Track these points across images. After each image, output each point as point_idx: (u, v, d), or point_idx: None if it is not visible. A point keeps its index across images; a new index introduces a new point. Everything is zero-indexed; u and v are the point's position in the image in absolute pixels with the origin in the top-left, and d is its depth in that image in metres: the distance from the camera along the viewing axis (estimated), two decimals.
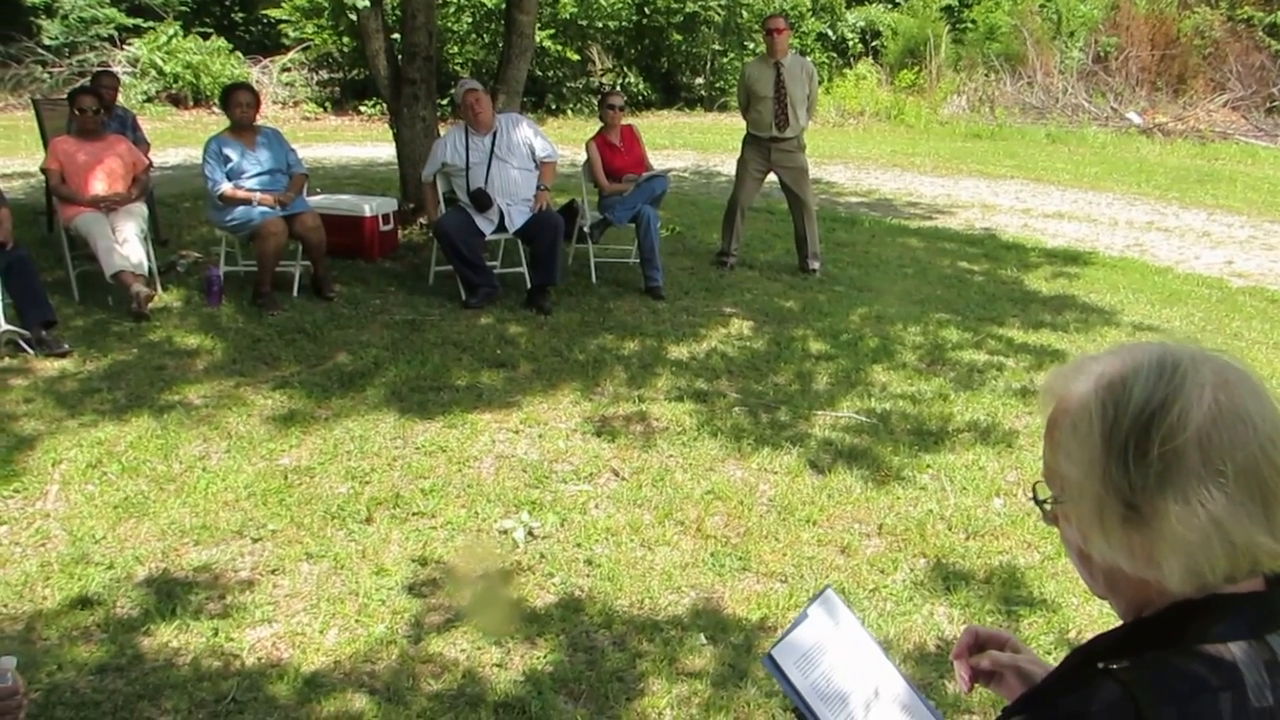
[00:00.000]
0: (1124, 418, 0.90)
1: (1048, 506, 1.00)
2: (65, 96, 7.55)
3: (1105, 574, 0.98)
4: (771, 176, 7.44)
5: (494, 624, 3.24)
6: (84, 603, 3.32)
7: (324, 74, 18.43)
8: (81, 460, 4.22)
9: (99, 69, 11.94)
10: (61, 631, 3.18)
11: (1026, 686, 1.18)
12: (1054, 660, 1.19)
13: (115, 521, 3.80)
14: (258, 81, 17.49)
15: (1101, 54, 18.76)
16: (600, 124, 7.26)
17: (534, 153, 6.50)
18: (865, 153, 15.09)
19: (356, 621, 3.25)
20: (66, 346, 5.33)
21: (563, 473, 4.29)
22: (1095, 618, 3.30)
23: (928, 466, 4.37)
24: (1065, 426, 0.95)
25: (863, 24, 21.58)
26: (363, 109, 17.54)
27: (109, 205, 6.14)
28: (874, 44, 21.40)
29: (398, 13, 8.78)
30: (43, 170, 6.68)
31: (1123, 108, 17.75)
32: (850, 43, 21.42)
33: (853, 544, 3.75)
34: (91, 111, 6.35)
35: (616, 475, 4.30)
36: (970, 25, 20.40)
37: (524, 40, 7.88)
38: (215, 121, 16.28)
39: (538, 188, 6.48)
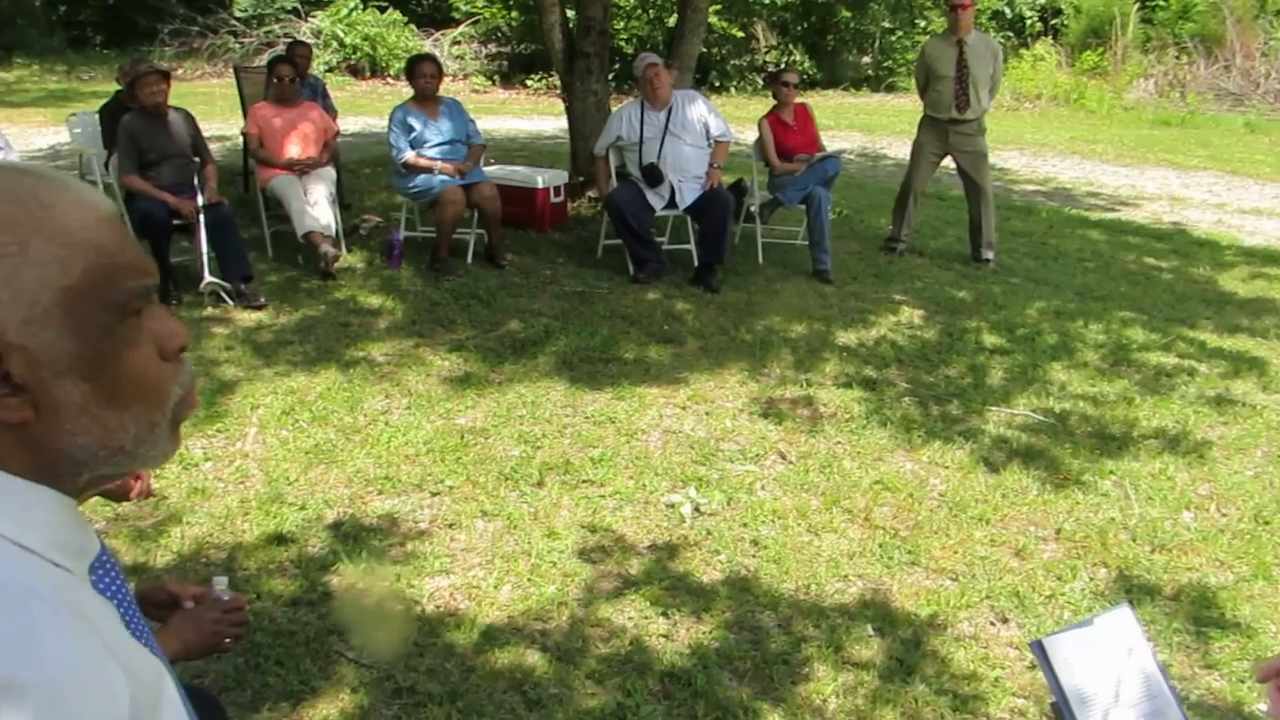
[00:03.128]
0: None
1: None
2: (264, 65, 7.95)
3: None
4: (946, 161, 7.24)
5: (661, 595, 3.29)
6: (279, 539, 3.53)
7: (492, 47, 18.83)
8: (276, 407, 4.48)
9: (293, 39, 12.54)
10: (259, 564, 3.38)
11: None
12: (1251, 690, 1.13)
13: (306, 466, 4.01)
14: None
15: None
16: (773, 102, 7.18)
17: (708, 130, 6.49)
18: (1042, 139, 14.50)
19: (529, 580, 3.34)
20: (263, 300, 5.65)
21: (729, 452, 4.30)
22: None
23: (1110, 472, 4.19)
24: None
25: (1043, 1, 20.66)
26: (529, 82, 17.86)
27: (302, 168, 6.45)
28: (1054, 23, 20.48)
29: None
30: (243, 134, 7.06)
31: None
32: (1028, 21, 20.56)
33: (1028, 547, 3.64)
34: (288, 79, 6.66)
35: (783, 458, 4.28)
36: (1162, 4, 19.27)
37: (698, 15, 7.87)
38: (390, 91, 16.88)
39: (710, 165, 6.47)
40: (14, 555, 0.74)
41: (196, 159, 6.01)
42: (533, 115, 14.87)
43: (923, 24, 18.87)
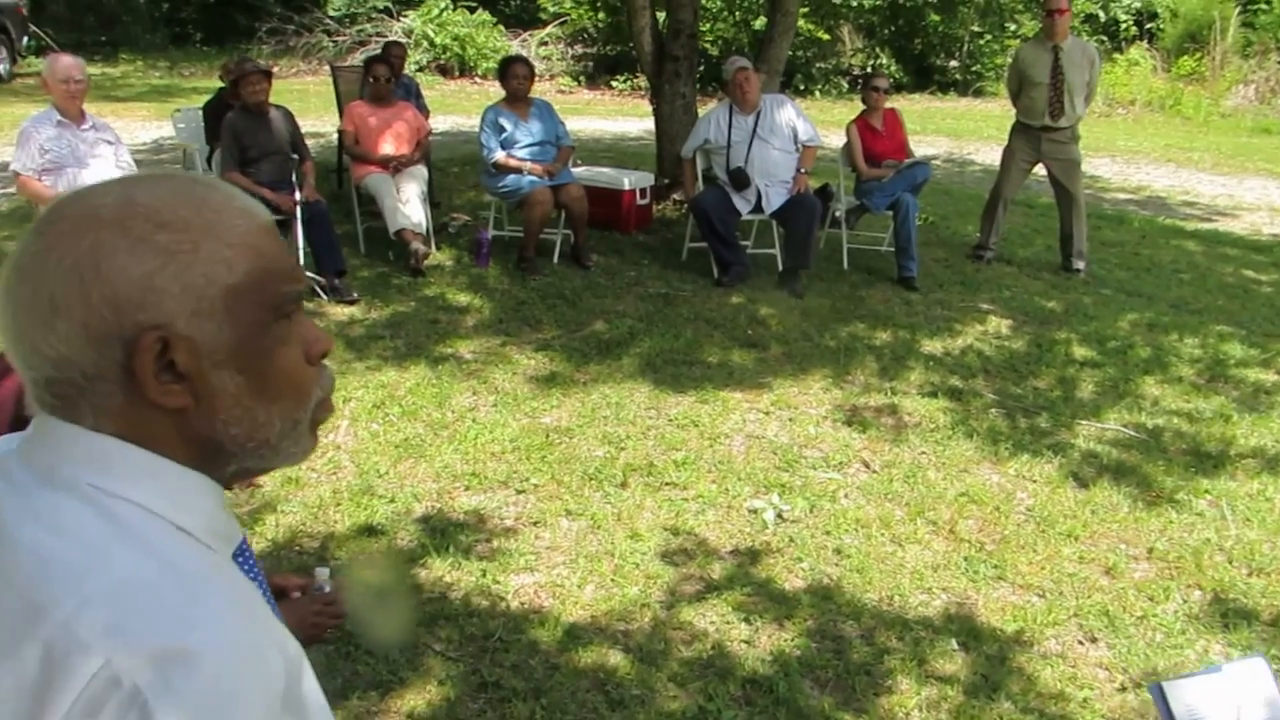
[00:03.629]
0: None
1: None
2: (360, 64, 8.13)
3: None
4: (1036, 168, 7.11)
5: (744, 600, 3.30)
6: (369, 530, 3.62)
7: (579, 48, 18.95)
8: (368, 400, 4.59)
9: (388, 40, 12.78)
10: (350, 554, 3.48)
11: None
12: None
13: (396, 459, 4.11)
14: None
15: None
16: (859, 106, 7.13)
17: (796, 135, 6.47)
18: (1135, 146, 14.12)
19: (612, 581, 3.38)
20: (355, 295, 5.79)
21: (812, 459, 4.29)
22: None
23: (1205, 492, 4.09)
24: None
25: (1138, 4, 20.09)
26: (614, 83, 17.94)
27: (395, 166, 6.59)
28: (1149, 26, 19.90)
29: None
30: (339, 132, 7.23)
31: None
32: (1123, 25, 19.99)
33: (1118, 565, 3.57)
34: (384, 79, 6.81)
35: (867, 467, 4.26)
36: (1264, 6, 18.61)
37: (788, 19, 7.84)
38: (478, 91, 17.10)
39: (797, 170, 6.45)
40: (174, 535, 0.80)
41: (295, 156, 6.19)
42: (617, 116, 14.94)
43: (1013, 27, 18.48)
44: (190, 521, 0.81)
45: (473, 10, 18.99)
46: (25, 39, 16.59)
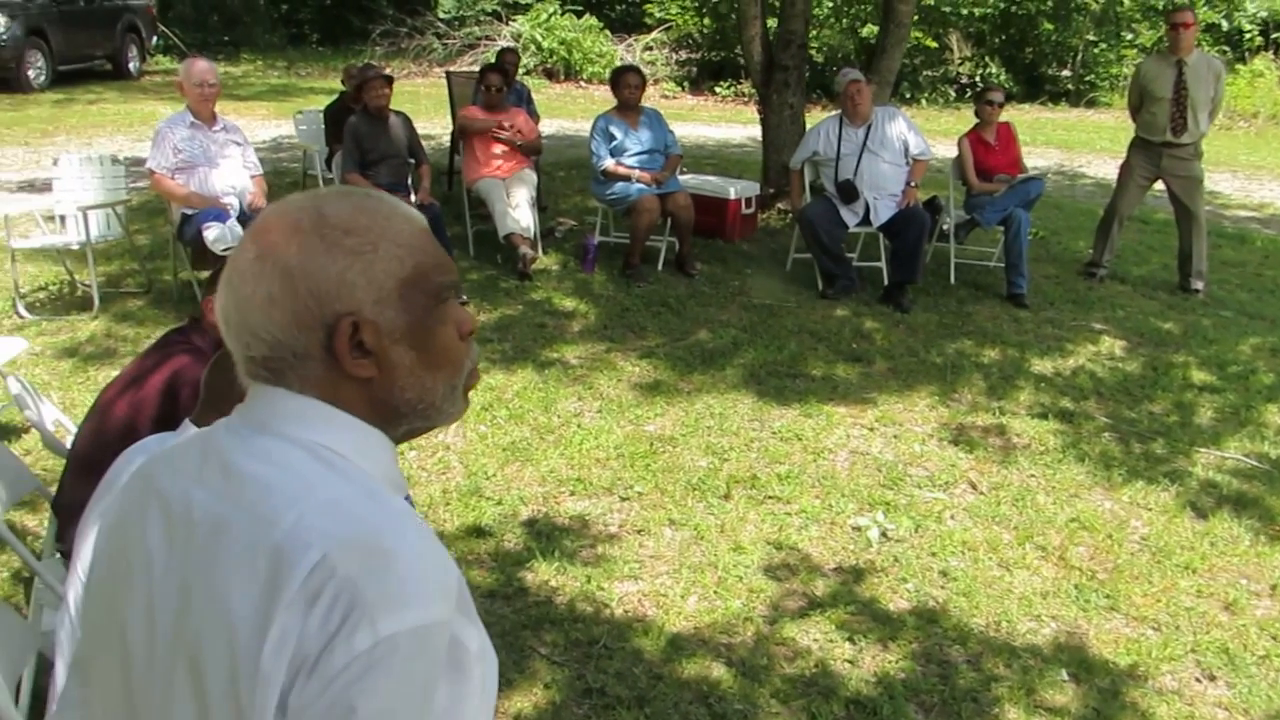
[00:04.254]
0: None
1: None
2: (474, 70, 8.29)
3: None
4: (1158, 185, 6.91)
5: (847, 619, 3.29)
6: (478, 532, 3.71)
7: (683, 54, 18.99)
8: (476, 402, 4.68)
9: (503, 46, 13.00)
10: (458, 554, 3.56)
11: None
12: None
13: (503, 462, 4.19)
14: (620, 59, 18.33)
15: None
16: (964, 114, 7.01)
17: (907, 148, 6.40)
18: (1258, 161, 13.57)
19: (715, 593, 3.40)
20: (464, 297, 5.91)
21: (917, 477, 4.25)
22: None
23: None
24: None
25: (1264, 14, 19.29)
26: (718, 89, 17.94)
27: (506, 171, 6.70)
28: (1275, 36, 19.10)
29: None
30: (452, 136, 7.40)
31: None
32: (1247, 35, 19.24)
33: (1239, 601, 3.45)
34: (496, 89, 6.94)
35: (974, 488, 4.20)
36: None
37: (901, 30, 7.75)
38: (582, 95, 17.27)
39: (906, 184, 6.38)
40: (365, 475, 0.97)
41: (412, 160, 6.35)
42: (720, 122, 14.94)
43: (1130, 36, 17.95)
44: (371, 468, 0.98)
45: (580, 15, 19.20)
46: (154, 38, 17.34)
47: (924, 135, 6.68)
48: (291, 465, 0.94)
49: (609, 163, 6.53)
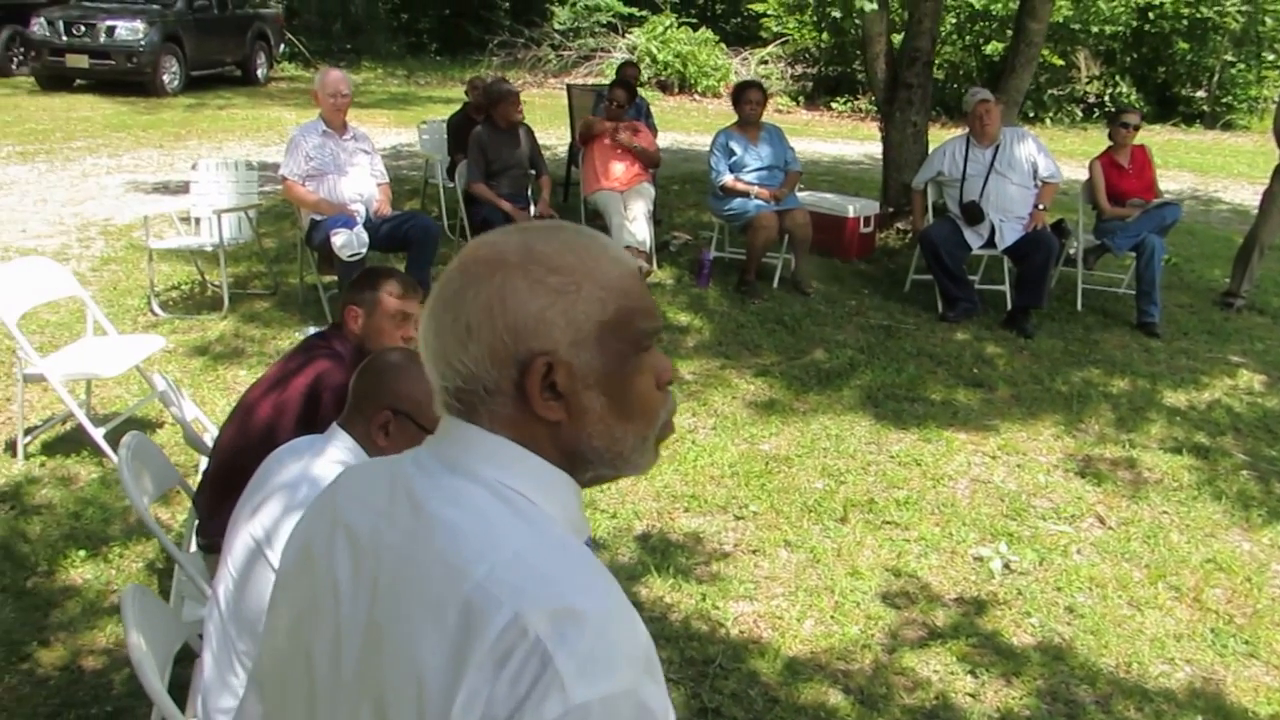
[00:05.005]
0: None
1: None
2: (595, 84, 8.38)
3: None
4: None
5: (968, 651, 3.20)
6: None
7: (799, 68, 18.90)
8: None
9: (624, 60, 13.11)
10: None
11: None
12: None
13: None
14: (735, 73, 18.33)
15: None
16: (1087, 132, 6.79)
17: (1036, 170, 6.24)
18: None
19: (832, 618, 3.35)
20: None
21: (1042, 509, 4.12)
22: None
23: None
24: None
25: None
26: (834, 105, 17.79)
27: (624, 184, 6.75)
28: None
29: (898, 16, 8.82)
30: (572, 147, 7.49)
31: None
32: None
33: None
34: (619, 104, 7.00)
35: (1101, 522, 4.05)
36: None
37: (1031, 49, 7.56)
38: (696, 108, 17.32)
39: (1034, 206, 6.22)
40: (549, 519, 0.95)
41: (532, 170, 6.44)
42: (835, 139, 14.80)
43: (1272, 57, 17.21)
44: (557, 512, 0.96)
45: (696, 28, 19.26)
46: (281, 46, 17.99)
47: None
48: (481, 511, 0.93)
49: (728, 178, 6.52)
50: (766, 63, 18.83)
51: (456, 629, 0.87)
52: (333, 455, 2.04)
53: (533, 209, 6.23)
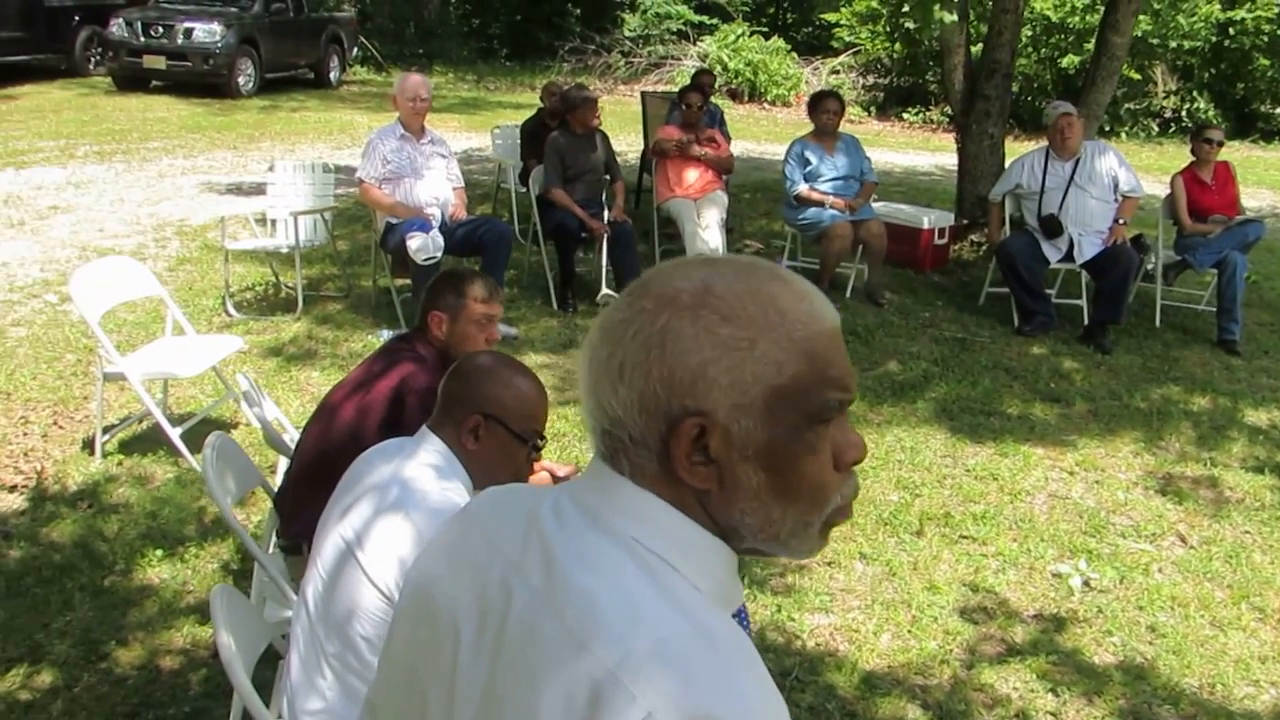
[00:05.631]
0: None
1: None
2: (669, 91, 8.43)
3: None
4: None
5: (1048, 669, 3.18)
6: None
7: (871, 79, 18.78)
8: None
9: (699, 68, 13.14)
10: None
11: None
12: None
13: None
14: (806, 82, 18.27)
15: None
16: (1172, 151, 6.68)
17: (1117, 185, 6.16)
18: None
19: (909, 632, 3.34)
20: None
21: (1121, 526, 4.07)
22: None
23: None
24: None
25: None
26: (905, 116, 17.65)
27: (697, 192, 6.79)
28: None
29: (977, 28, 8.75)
30: (645, 155, 7.54)
31: None
32: None
33: None
34: (696, 107, 7.04)
35: (1183, 541, 4.00)
36: None
37: (1113, 63, 7.45)
38: (766, 117, 17.30)
39: (1114, 221, 6.13)
40: (695, 595, 0.85)
41: (607, 176, 6.50)
42: (907, 149, 14.68)
43: None
44: (705, 585, 0.86)
45: (767, 37, 19.24)
46: (354, 50, 18.27)
47: None
48: (620, 581, 0.83)
49: (802, 188, 6.53)
50: (838, 72, 18.74)
51: (583, 712, 0.78)
52: (423, 458, 2.02)
53: (607, 215, 6.28)
